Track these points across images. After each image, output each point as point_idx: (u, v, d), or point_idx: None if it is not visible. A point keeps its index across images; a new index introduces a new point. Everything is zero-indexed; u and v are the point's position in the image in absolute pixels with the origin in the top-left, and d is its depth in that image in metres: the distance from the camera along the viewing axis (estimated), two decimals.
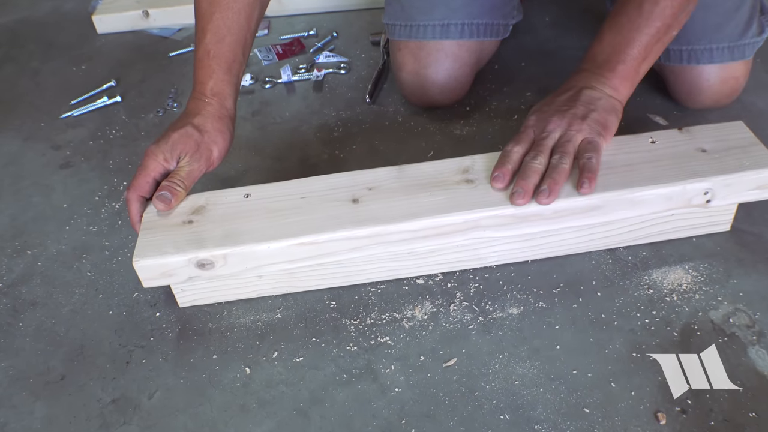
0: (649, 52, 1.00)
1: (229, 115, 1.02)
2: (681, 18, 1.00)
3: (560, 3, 1.61)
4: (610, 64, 1.00)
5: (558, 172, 0.91)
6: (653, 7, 0.98)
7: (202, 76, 1.01)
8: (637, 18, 0.98)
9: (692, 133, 0.99)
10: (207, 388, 0.90)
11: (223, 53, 1.01)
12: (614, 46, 1.00)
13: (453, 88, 1.27)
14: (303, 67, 1.47)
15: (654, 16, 0.98)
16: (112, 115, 1.41)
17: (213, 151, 0.99)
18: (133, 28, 1.69)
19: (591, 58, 1.03)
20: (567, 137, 0.95)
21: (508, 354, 0.90)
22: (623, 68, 0.99)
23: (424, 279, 1.00)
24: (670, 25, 0.99)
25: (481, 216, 0.91)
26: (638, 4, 0.99)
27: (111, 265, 1.08)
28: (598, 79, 1.00)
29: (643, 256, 1.01)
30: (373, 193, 0.95)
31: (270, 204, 0.95)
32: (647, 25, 0.98)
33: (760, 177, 0.93)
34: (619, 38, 1.00)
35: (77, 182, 1.25)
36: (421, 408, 0.86)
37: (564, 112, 0.97)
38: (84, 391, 0.91)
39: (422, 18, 1.23)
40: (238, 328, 0.97)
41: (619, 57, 1.00)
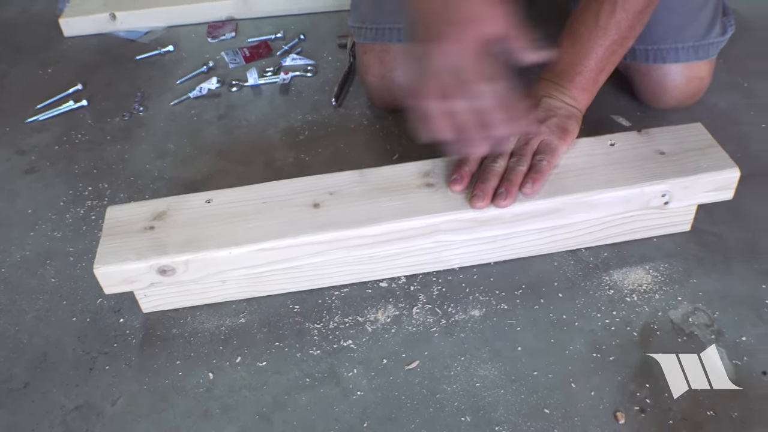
0: (606, 63, 1.01)
1: None
2: (636, 29, 1.01)
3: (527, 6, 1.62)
4: (568, 75, 1.01)
5: (515, 175, 0.92)
6: (609, 19, 0.99)
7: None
8: (594, 30, 1.00)
9: (651, 136, 1.00)
10: (170, 393, 0.90)
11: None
12: (572, 56, 1.01)
13: None
14: (270, 70, 1.47)
15: (610, 29, 0.99)
16: (78, 119, 1.40)
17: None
18: (100, 31, 1.68)
19: (550, 68, 1.04)
20: (525, 140, 0.95)
21: (470, 356, 0.91)
22: (581, 79, 1.01)
23: (388, 282, 1.01)
24: (625, 37, 1.00)
25: (440, 220, 0.91)
26: (594, 16, 1.00)
27: (75, 271, 1.07)
28: (557, 88, 1.01)
29: (605, 257, 1.02)
30: (334, 197, 0.95)
31: (231, 209, 0.95)
32: (603, 37, 0.99)
33: (717, 179, 0.94)
34: (576, 49, 1.01)
35: (42, 187, 1.24)
36: (383, 411, 0.86)
37: None
38: (47, 398, 0.91)
39: (388, 21, 1.23)
40: (201, 333, 0.97)
41: (576, 68, 1.01)
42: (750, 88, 1.32)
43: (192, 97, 1.42)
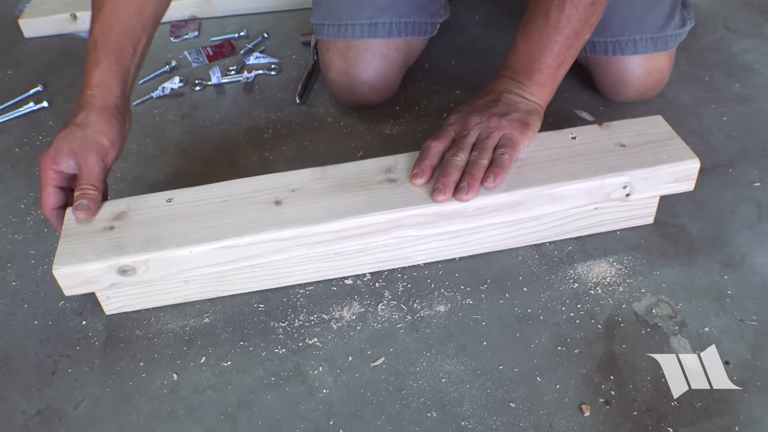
0: (564, 58, 1.01)
1: (115, 103, 0.98)
2: (591, 21, 1.01)
3: (489, 1, 1.63)
4: (526, 72, 1.01)
5: (476, 168, 0.92)
6: (559, 15, 0.99)
7: (88, 68, 0.99)
8: (545, 27, 1.00)
9: (612, 128, 1.00)
10: (134, 395, 0.89)
11: (109, 43, 0.99)
12: (528, 55, 1.01)
13: (382, 87, 1.28)
14: (233, 68, 1.46)
15: (561, 25, 0.99)
16: (39, 120, 1.38)
17: (103, 141, 0.96)
18: (60, 31, 1.66)
19: (508, 65, 1.04)
20: (486, 134, 0.96)
21: (436, 351, 0.91)
22: (540, 75, 1.01)
23: (353, 279, 1.01)
24: (579, 31, 1.00)
25: (402, 215, 0.91)
26: (545, 13, 1.00)
27: (36, 274, 1.06)
28: (517, 85, 1.01)
29: (569, 250, 1.02)
30: (295, 194, 0.94)
31: (192, 208, 0.94)
32: (556, 33, 0.99)
33: (677, 170, 0.95)
34: (531, 47, 1.01)
35: (2, 190, 1.22)
36: (349, 408, 0.86)
37: (484, 111, 0.98)
38: (8, 403, 0.90)
39: (350, 17, 1.23)
40: (165, 334, 0.96)
41: (533, 66, 1.01)
42: (711, 81, 1.33)
43: (155, 96, 1.41)
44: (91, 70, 0.98)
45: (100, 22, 0.99)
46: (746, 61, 1.38)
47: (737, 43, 1.43)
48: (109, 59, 0.98)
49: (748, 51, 1.41)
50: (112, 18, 0.99)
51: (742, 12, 1.52)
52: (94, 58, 0.98)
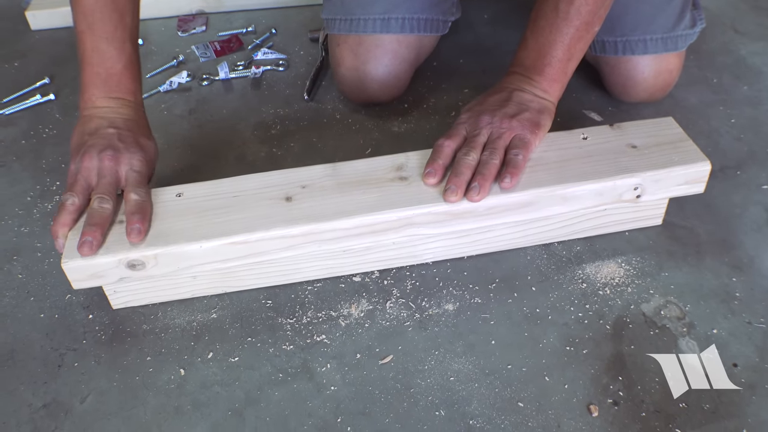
0: (574, 51, 1.01)
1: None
2: (600, 13, 1.00)
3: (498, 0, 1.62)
4: (537, 67, 1.01)
5: (488, 168, 0.92)
6: (569, 7, 0.98)
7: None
8: (555, 20, 0.99)
9: (623, 129, 1.00)
10: (140, 390, 0.89)
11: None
12: (538, 50, 1.01)
13: (392, 85, 1.27)
14: (241, 64, 1.46)
15: (571, 17, 0.98)
16: (46, 113, 1.38)
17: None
18: (67, 24, 1.65)
19: (519, 62, 1.04)
20: (497, 134, 0.95)
21: (444, 350, 0.91)
22: (550, 70, 1.00)
23: (361, 277, 1.00)
24: (589, 23, 1.00)
25: (413, 213, 0.91)
26: (554, 6, 0.99)
27: (43, 266, 1.06)
28: (528, 81, 1.01)
29: (577, 250, 1.02)
30: (306, 191, 0.94)
31: (202, 203, 0.94)
32: (566, 26, 0.99)
33: (689, 172, 0.95)
34: (541, 41, 1.01)
35: (8, 182, 1.22)
36: (357, 406, 0.86)
37: (496, 110, 0.98)
38: (14, 396, 0.90)
39: (362, 12, 1.22)
40: (172, 329, 0.96)
41: (544, 60, 1.01)
42: (719, 83, 1.33)
43: (162, 91, 1.40)
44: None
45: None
46: (755, 63, 1.38)
47: (746, 46, 1.43)
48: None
49: (756, 53, 1.40)
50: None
51: (750, 15, 1.52)
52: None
